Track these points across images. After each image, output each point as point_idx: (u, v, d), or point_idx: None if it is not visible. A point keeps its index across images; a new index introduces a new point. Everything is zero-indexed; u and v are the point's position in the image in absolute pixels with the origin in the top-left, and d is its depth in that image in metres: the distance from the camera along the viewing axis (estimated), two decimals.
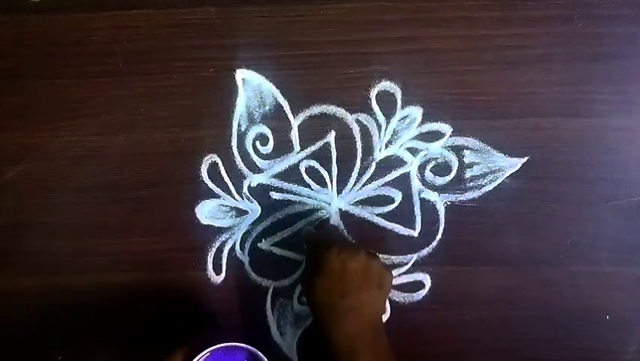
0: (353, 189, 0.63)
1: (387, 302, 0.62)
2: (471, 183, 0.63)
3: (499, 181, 0.62)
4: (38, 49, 0.63)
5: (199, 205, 0.63)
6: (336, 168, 0.63)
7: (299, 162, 0.63)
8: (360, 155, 0.63)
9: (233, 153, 0.63)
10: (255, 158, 0.63)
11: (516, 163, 0.62)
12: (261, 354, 0.53)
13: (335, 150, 0.63)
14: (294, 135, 0.63)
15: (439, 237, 0.63)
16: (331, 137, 0.63)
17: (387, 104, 0.62)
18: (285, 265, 0.64)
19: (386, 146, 0.63)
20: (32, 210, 0.63)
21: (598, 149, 0.62)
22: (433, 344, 0.63)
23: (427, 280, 0.63)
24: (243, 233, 0.63)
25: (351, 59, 0.62)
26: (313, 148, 0.63)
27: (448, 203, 0.63)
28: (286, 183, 0.63)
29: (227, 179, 0.63)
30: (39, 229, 0.63)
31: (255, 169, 0.63)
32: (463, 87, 0.62)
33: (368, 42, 0.62)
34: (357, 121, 0.63)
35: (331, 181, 0.63)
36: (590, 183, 0.62)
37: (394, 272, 0.62)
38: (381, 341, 0.53)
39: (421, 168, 0.63)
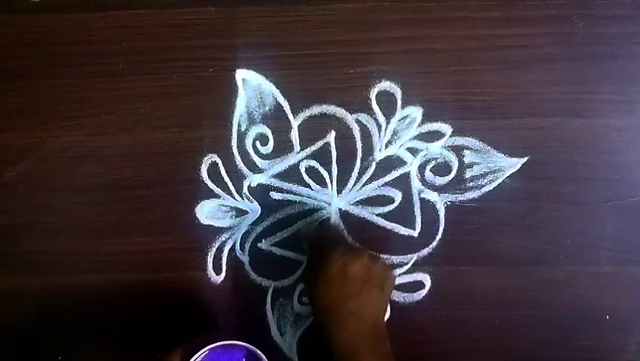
0: (353, 189, 0.63)
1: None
2: (471, 183, 0.63)
3: (499, 181, 0.62)
4: (38, 49, 0.63)
5: (199, 205, 0.63)
6: (336, 168, 0.63)
7: (299, 162, 0.63)
8: (360, 155, 0.63)
9: (233, 153, 0.63)
10: (255, 158, 0.63)
11: (516, 163, 0.62)
12: (260, 352, 0.53)
13: (335, 150, 0.63)
14: (294, 135, 0.63)
15: (439, 237, 0.63)
16: (331, 137, 0.63)
17: (387, 104, 0.62)
18: (285, 265, 0.64)
19: (386, 146, 0.63)
20: (32, 210, 0.63)
21: (598, 149, 0.62)
22: (433, 344, 0.63)
23: (427, 280, 0.63)
24: (243, 233, 0.63)
25: (351, 59, 0.62)
26: (313, 148, 0.63)
27: (448, 203, 0.63)
28: (286, 183, 0.63)
29: (227, 179, 0.63)
30: (39, 229, 0.63)
31: (255, 169, 0.63)
32: (463, 87, 0.62)
33: (368, 42, 0.62)
34: (357, 121, 0.63)
35: (331, 181, 0.63)
36: (590, 183, 0.62)
37: (394, 272, 0.62)
38: (382, 345, 0.52)
39: (421, 168, 0.63)
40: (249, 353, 0.54)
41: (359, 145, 0.63)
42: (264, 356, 0.53)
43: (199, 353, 0.52)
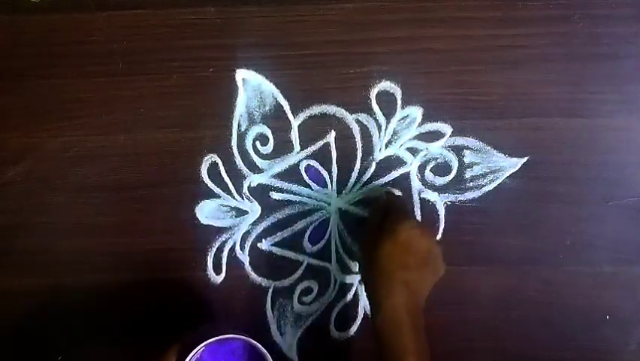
0: (353, 189, 0.63)
1: None
2: (471, 183, 0.63)
3: (499, 181, 0.62)
4: (38, 49, 0.62)
5: (199, 205, 0.63)
6: (336, 168, 0.63)
7: (299, 162, 0.63)
8: (360, 155, 0.63)
9: (233, 153, 0.63)
10: (255, 158, 0.63)
11: (516, 163, 0.62)
12: (256, 342, 0.53)
13: (335, 150, 0.63)
14: (294, 135, 0.63)
15: (439, 237, 0.63)
16: (331, 137, 0.63)
17: (387, 104, 0.62)
18: (285, 265, 0.64)
19: (386, 146, 0.63)
20: (32, 210, 0.63)
21: (598, 149, 0.62)
22: (433, 344, 0.63)
23: None
24: (243, 233, 0.63)
25: (351, 59, 0.62)
26: (313, 148, 0.63)
27: (448, 203, 0.63)
28: (286, 183, 0.63)
29: (227, 179, 0.63)
30: (39, 229, 0.63)
31: (255, 169, 0.63)
32: (463, 87, 0.62)
33: (368, 42, 0.62)
34: (357, 121, 0.63)
35: (331, 181, 0.63)
36: (590, 183, 0.62)
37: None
38: (421, 323, 0.53)
39: (421, 168, 0.63)
40: (245, 343, 0.53)
41: (359, 145, 0.63)
42: (259, 345, 0.53)
43: (196, 350, 0.52)
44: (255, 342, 0.53)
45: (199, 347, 0.52)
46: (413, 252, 0.54)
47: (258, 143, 0.63)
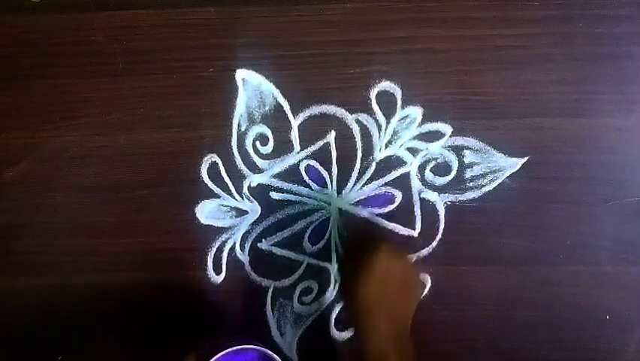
0: (353, 189, 0.63)
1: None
2: (471, 183, 0.63)
3: (499, 181, 0.62)
4: (38, 49, 0.63)
5: (199, 205, 0.63)
6: (336, 168, 0.63)
7: (299, 162, 0.63)
8: (360, 155, 0.63)
9: (233, 153, 0.63)
10: (255, 158, 0.63)
11: (516, 163, 0.62)
12: (272, 353, 0.53)
13: (335, 150, 0.63)
14: (294, 135, 0.63)
15: (439, 237, 0.63)
16: (331, 137, 0.63)
17: (387, 104, 0.62)
18: (285, 265, 0.64)
19: (386, 146, 0.63)
20: (32, 210, 0.63)
21: (598, 149, 0.62)
22: (433, 344, 0.63)
23: (427, 280, 0.63)
24: (243, 233, 0.63)
25: (351, 59, 0.62)
26: (313, 148, 0.63)
27: (448, 203, 0.63)
28: (286, 183, 0.63)
29: (227, 179, 0.63)
30: (39, 229, 0.63)
31: (255, 169, 0.63)
32: (463, 87, 0.62)
33: (368, 42, 0.62)
34: (357, 121, 0.63)
35: (331, 181, 0.63)
36: (590, 183, 0.62)
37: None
38: (408, 346, 0.53)
39: (421, 168, 0.63)
40: (260, 354, 0.54)
41: (359, 145, 0.63)
42: (275, 356, 0.53)
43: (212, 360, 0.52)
44: (270, 352, 0.53)
45: (215, 357, 0.52)
46: (392, 280, 0.54)
47: (258, 143, 0.63)
